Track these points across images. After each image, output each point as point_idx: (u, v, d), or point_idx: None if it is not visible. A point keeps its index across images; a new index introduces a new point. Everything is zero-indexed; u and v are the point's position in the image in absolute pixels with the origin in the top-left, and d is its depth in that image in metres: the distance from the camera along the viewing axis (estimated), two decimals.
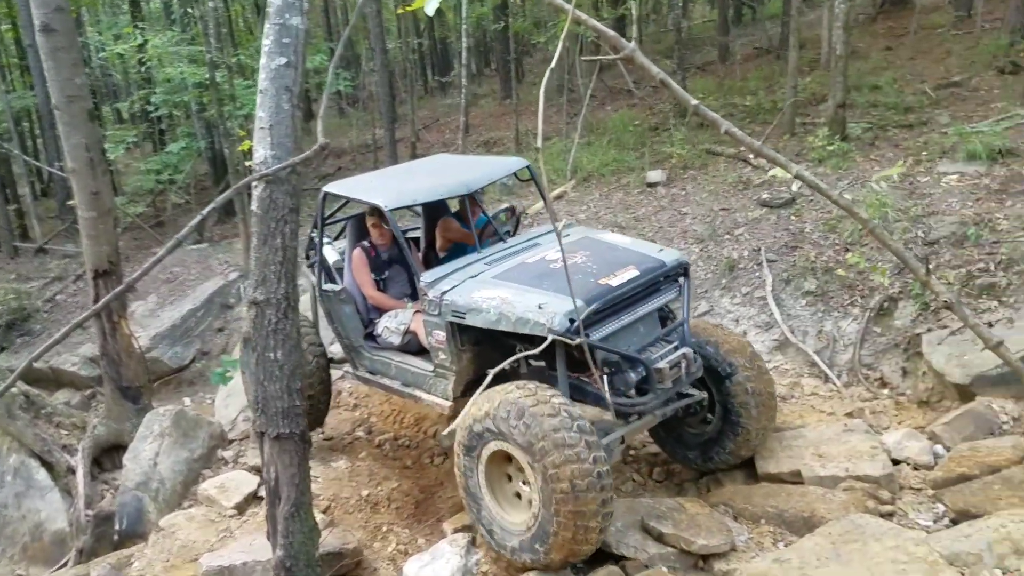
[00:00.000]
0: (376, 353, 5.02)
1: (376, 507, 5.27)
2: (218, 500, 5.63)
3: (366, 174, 5.80)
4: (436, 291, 4.26)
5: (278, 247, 3.03)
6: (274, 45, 2.99)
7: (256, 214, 3.01)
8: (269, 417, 3.06)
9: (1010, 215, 5.95)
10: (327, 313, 5.24)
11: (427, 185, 4.87)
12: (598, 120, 11.77)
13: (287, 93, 3.03)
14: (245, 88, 10.66)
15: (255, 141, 3.01)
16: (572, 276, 3.99)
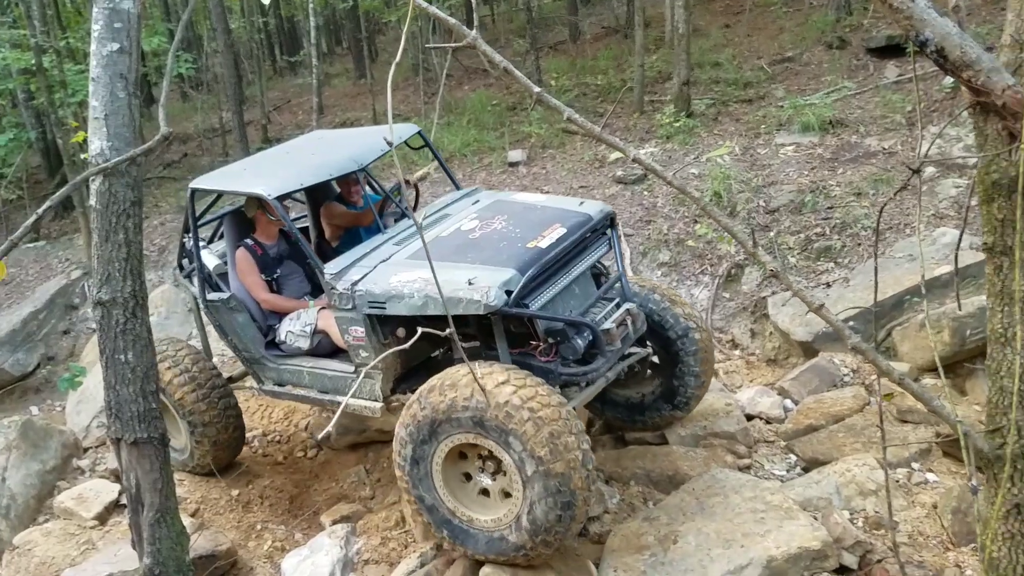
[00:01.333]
0: (283, 362, 4.42)
1: (248, 505, 5.13)
2: (77, 512, 5.32)
3: (236, 163, 5.13)
4: (345, 282, 3.79)
5: (121, 243, 2.85)
6: (104, 30, 2.79)
7: (96, 209, 2.81)
8: (124, 422, 2.89)
9: (841, 182, 6.51)
10: (217, 327, 4.55)
11: (311, 166, 4.30)
12: (456, 100, 11.76)
13: (122, 80, 2.83)
14: (77, 74, 9.76)
15: (90, 132, 2.81)
16: (497, 243, 3.76)
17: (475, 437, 3.21)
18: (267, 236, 4.64)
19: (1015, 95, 1.07)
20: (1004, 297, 1.34)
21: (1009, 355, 1.35)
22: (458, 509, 3.42)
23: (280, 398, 4.68)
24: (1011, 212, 1.20)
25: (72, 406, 7.00)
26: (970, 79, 1.11)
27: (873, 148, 6.82)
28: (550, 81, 11.23)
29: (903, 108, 7.31)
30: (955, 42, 1.09)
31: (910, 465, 4.15)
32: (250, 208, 4.60)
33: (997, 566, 1.61)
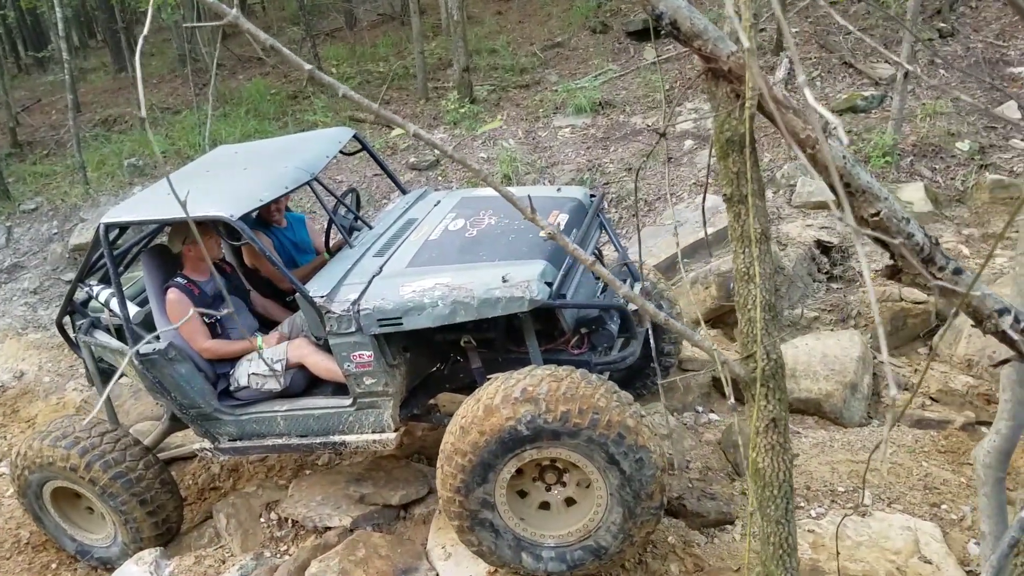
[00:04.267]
0: (245, 411, 3.73)
1: (39, 547, 4.61)
2: None
3: (147, 190, 4.29)
4: (341, 303, 3.27)
5: None
6: None
7: None
8: None
9: (614, 159, 7.01)
10: (154, 383, 3.73)
11: (262, 180, 3.67)
12: (231, 90, 11.02)
13: None
14: None
15: None
16: (503, 238, 3.46)
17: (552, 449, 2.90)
18: (198, 272, 3.89)
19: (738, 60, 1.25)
20: (744, 240, 1.53)
21: (752, 290, 1.56)
22: (527, 529, 3.11)
23: (244, 454, 3.92)
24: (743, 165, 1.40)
25: None
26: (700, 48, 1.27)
27: (639, 126, 7.44)
28: (331, 69, 10.89)
29: (662, 87, 8.01)
30: (685, 15, 1.24)
31: (695, 408, 4.50)
32: (176, 242, 3.86)
33: (763, 474, 1.84)
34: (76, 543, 4.31)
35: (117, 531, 4.09)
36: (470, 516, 3.04)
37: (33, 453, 3.94)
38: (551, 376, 2.90)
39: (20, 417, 5.85)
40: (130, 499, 3.90)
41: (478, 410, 2.93)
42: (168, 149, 9.23)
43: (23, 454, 3.99)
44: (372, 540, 3.60)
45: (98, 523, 4.24)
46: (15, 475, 4.10)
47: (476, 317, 3.13)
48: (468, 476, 2.95)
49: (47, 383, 6.12)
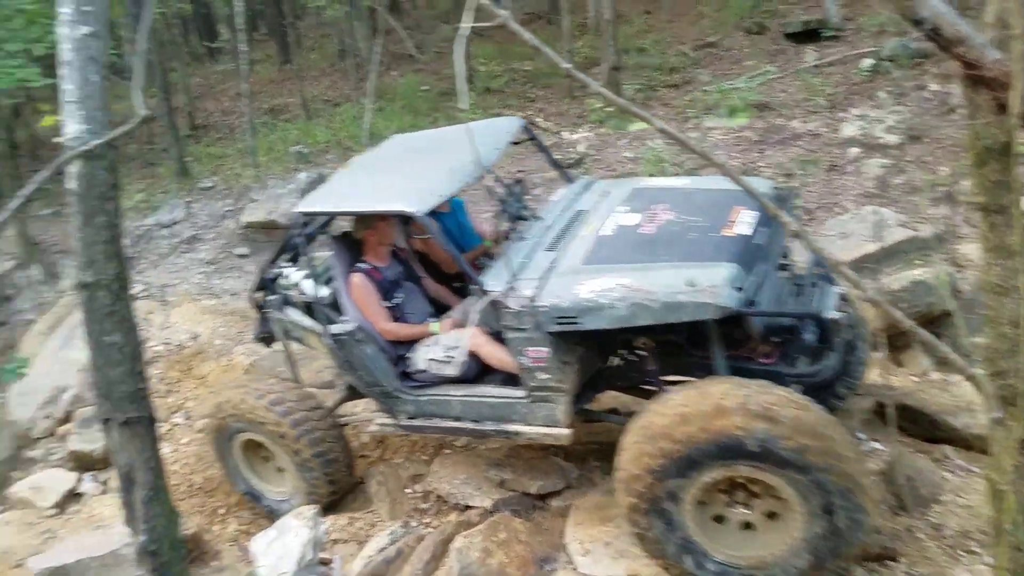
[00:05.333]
0: (423, 393, 3.91)
1: (210, 492, 5.05)
2: (34, 502, 5.20)
3: (338, 180, 4.37)
4: (518, 299, 3.29)
5: (103, 225, 2.75)
6: (75, 14, 2.68)
7: (76, 193, 2.71)
8: (115, 402, 2.82)
9: (771, 163, 6.78)
10: (343, 362, 3.99)
11: (440, 174, 3.74)
12: (385, 85, 11.62)
13: (94, 64, 2.73)
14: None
15: (65, 116, 2.69)
16: (684, 236, 3.32)
17: (769, 474, 2.74)
18: (379, 258, 4.10)
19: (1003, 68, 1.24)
20: (1001, 252, 1.50)
21: (1008, 303, 1.52)
22: (699, 535, 2.97)
23: (420, 432, 4.17)
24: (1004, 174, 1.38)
25: (14, 398, 6.70)
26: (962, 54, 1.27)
27: (798, 130, 7.16)
28: (479, 67, 11.24)
29: (824, 91, 7.69)
30: (949, 20, 1.25)
31: (856, 435, 4.12)
32: (359, 229, 4.12)
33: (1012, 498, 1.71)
34: (248, 486, 4.59)
35: (296, 489, 4.35)
36: (651, 501, 2.93)
37: (247, 408, 4.20)
38: (794, 402, 2.73)
39: (193, 374, 6.47)
40: (314, 460, 4.14)
41: (705, 405, 2.77)
42: (330, 139, 9.89)
43: (235, 404, 4.27)
44: (513, 524, 3.71)
45: (278, 478, 4.50)
46: (216, 415, 4.38)
47: (657, 321, 3.03)
48: (669, 464, 2.83)
49: (218, 345, 6.75)
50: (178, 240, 8.46)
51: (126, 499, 2.90)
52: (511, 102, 9.75)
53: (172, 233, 8.59)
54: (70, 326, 7.04)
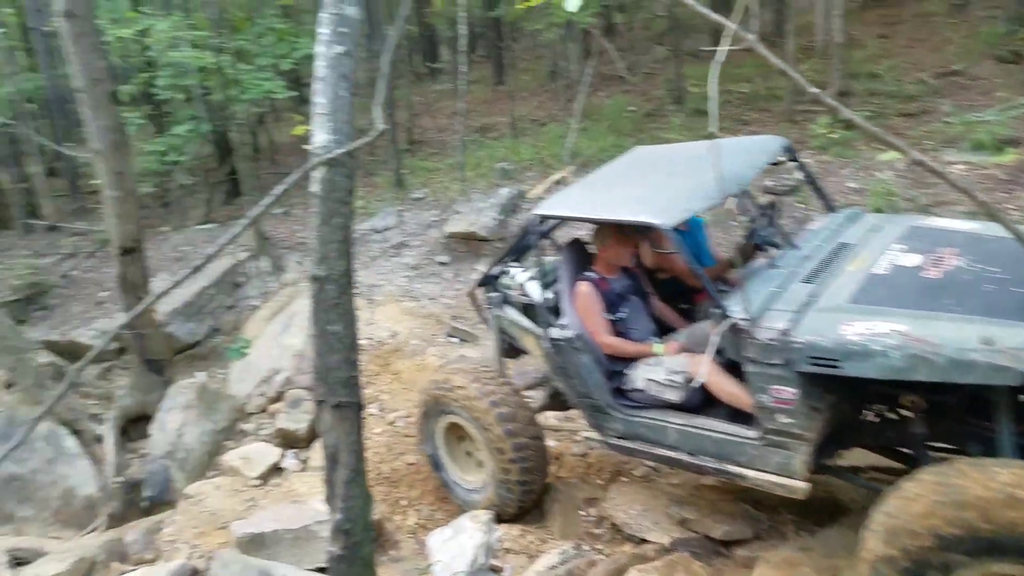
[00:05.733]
0: (636, 414, 3.77)
1: (395, 483, 5.35)
2: (242, 470, 5.74)
3: (578, 187, 4.36)
4: (767, 331, 3.06)
5: (338, 226, 3.06)
6: (332, 35, 3.00)
7: (318, 196, 3.04)
8: (330, 387, 3.12)
9: (1021, 206, 6.00)
10: (557, 368, 4.00)
11: (692, 189, 3.57)
12: (592, 106, 11.81)
13: (345, 81, 3.04)
14: (247, 74, 10.53)
15: (315, 126, 3.03)
16: (981, 286, 2.99)
17: None
18: (609, 269, 4.05)
19: None
20: None
21: None
22: None
23: (626, 453, 3.99)
24: None
25: (236, 374, 7.59)
26: None
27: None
28: (692, 88, 11.07)
29: None
30: None
31: None
32: (597, 240, 4.05)
33: None
34: (444, 470, 4.77)
35: (490, 485, 4.41)
36: (918, 563, 2.48)
37: (464, 396, 4.28)
38: None
39: (389, 370, 6.96)
40: (514, 458, 4.16)
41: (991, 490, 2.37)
42: (533, 157, 10.28)
43: (453, 390, 4.37)
44: (692, 567, 3.57)
45: (473, 468, 4.65)
46: (432, 395, 4.56)
47: (939, 379, 2.69)
48: (959, 538, 2.42)
49: (413, 345, 7.23)
50: (388, 245, 9.20)
51: (329, 478, 3.18)
52: (724, 124, 9.49)
53: (384, 238, 9.36)
54: (289, 314, 7.88)
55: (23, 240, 11.83)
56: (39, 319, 9.56)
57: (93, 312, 9.40)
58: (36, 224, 12.22)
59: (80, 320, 9.30)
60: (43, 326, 9.27)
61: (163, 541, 5.00)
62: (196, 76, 11.19)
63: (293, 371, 6.83)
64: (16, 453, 6.11)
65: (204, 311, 9.00)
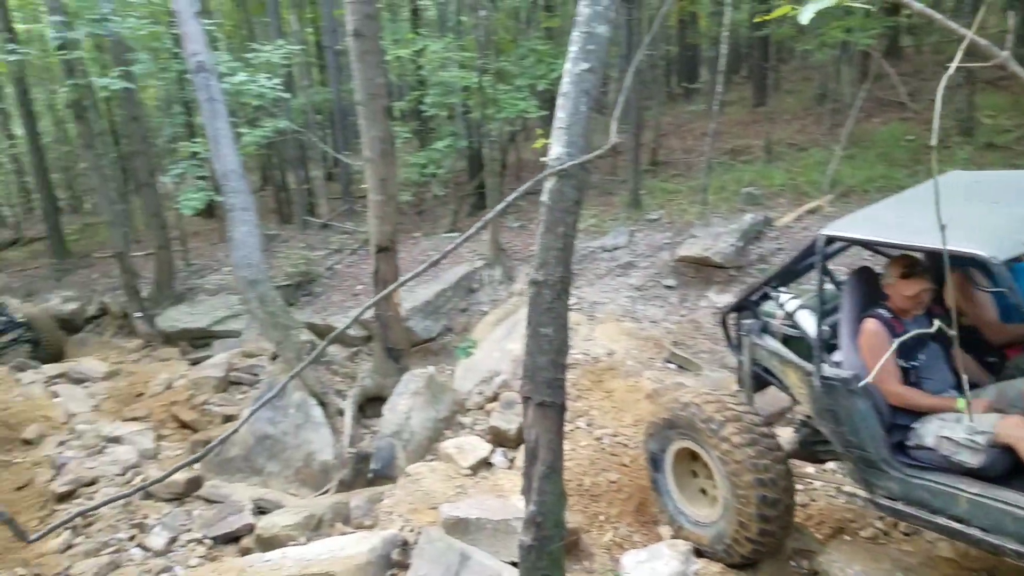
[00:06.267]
0: (919, 475, 3.42)
1: (595, 497, 5.50)
2: (455, 459, 6.25)
3: (874, 207, 4.00)
4: None
5: (560, 235, 3.35)
6: (580, 52, 3.30)
7: (545, 205, 3.36)
8: (536, 385, 3.41)
9: None
10: (822, 410, 3.72)
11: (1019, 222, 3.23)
12: (862, 132, 11.10)
13: (585, 96, 3.33)
14: (504, 94, 11.48)
15: (552, 139, 3.35)
16: None
17: None
18: (905, 308, 3.64)
19: None
20: None
21: None
22: None
23: (901, 518, 3.60)
24: None
25: (461, 372, 8.31)
26: None
27: None
28: (985, 119, 9.96)
29: None
30: None
31: None
32: (890, 272, 3.68)
33: None
34: (671, 500, 4.62)
35: (719, 526, 4.16)
36: None
37: (711, 428, 4.06)
38: None
39: (602, 387, 7.17)
40: (754, 499, 3.86)
41: None
42: (786, 184, 9.94)
43: (699, 418, 4.16)
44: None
45: (701, 499, 4.49)
46: (672, 417, 4.40)
47: None
48: None
49: (629, 366, 7.37)
50: (615, 264, 9.46)
51: (527, 471, 3.48)
52: (1018, 161, 8.44)
53: (612, 257, 9.65)
54: (513, 322, 8.44)
55: (301, 234, 14.01)
56: (305, 303, 11.29)
57: (350, 302, 10.87)
58: (312, 221, 14.41)
59: (338, 308, 10.82)
60: (308, 309, 10.94)
61: (382, 511, 5.66)
62: (460, 95, 12.48)
63: (510, 375, 7.32)
64: (273, 416, 7.33)
65: (440, 311, 9.99)
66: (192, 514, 6.59)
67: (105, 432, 8.08)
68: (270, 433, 7.28)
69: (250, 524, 6.22)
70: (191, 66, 7.64)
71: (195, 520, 6.47)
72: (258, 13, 17.18)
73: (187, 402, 8.84)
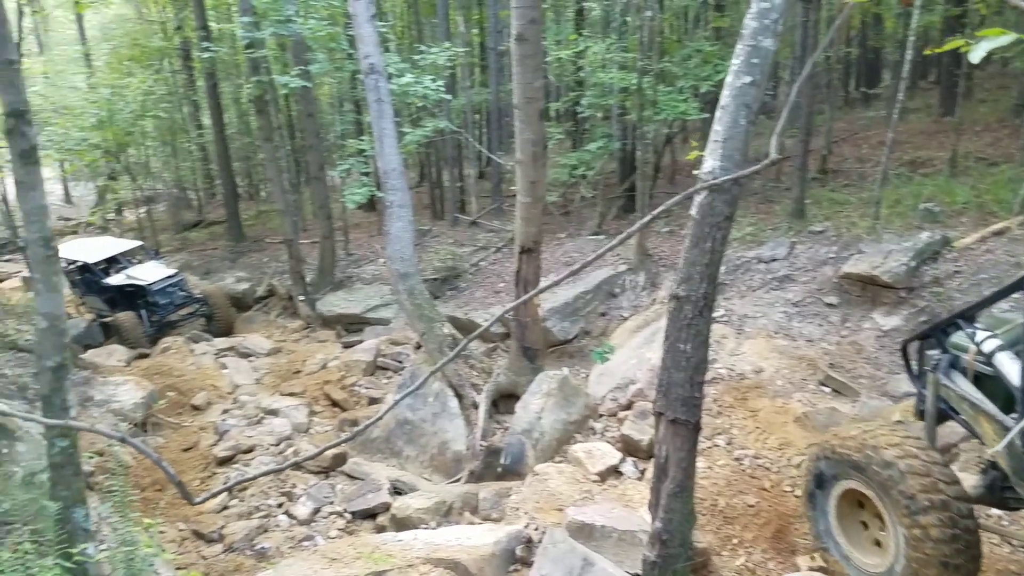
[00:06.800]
0: None
1: (730, 519, 5.38)
2: (584, 464, 6.30)
3: None
4: None
5: (707, 250, 3.33)
6: (742, 65, 3.26)
7: (694, 219, 3.34)
8: (669, 401, 3.41)
9: None
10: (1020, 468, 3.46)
11: None
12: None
13: (745, 110, 3.28)
14: (664, 95, 11.33)
15: (707, 152, 3.33)
16: None
17: None
18: None
19: None
20: None
21: None
22: None
23: None
24: None
25: (595, 376, 8.36)
26: None
27: None
28: None
29: None
30: None
31: None
32: None
33: None
34: (838, 546, 4.34)
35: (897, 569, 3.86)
36: None
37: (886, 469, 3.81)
38: None
39: (746, 406, 6.95)
40: (934, 548, 3.59)
41: None
42: (970, 201, 9.13)
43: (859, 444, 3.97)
44: None
45: (870, 547, 4.22)
46: (836, 454, 4.14)
47: None
48: None
49: (778, 386, 7.09)
50: (771, 277, 9.09)
51: (655, 486, 3.49)
52: None
53: (768, 269, 9.28)
54: (654, 329, 8.35)
55: (450, 230, 14.58)
56: (449, 297, 11.76)
57: (491, 299, 11.21)
58: (462, 218, 14.96)
59: (480, 304, 11.18)
60: (451, 303, 11.39)
61: (508, 506, 5.83)
62: (617, 96, 12.48)
63: (646, 384, 7.27)
64: (413, 403, 7.73)
65: (579, 314, 10.08)
66: (335, 488, 7.10)
67: (264, 404, 8.85)
68: (410, 418, 7.68)
69: (386, 503, 6.62)
70: (363, 67, 8.19)
71: (337, 494, 6.97)
72: (428, 15, 18.03)
73: (338, 382, 9.51)
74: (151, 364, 10.40)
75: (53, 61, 24.32)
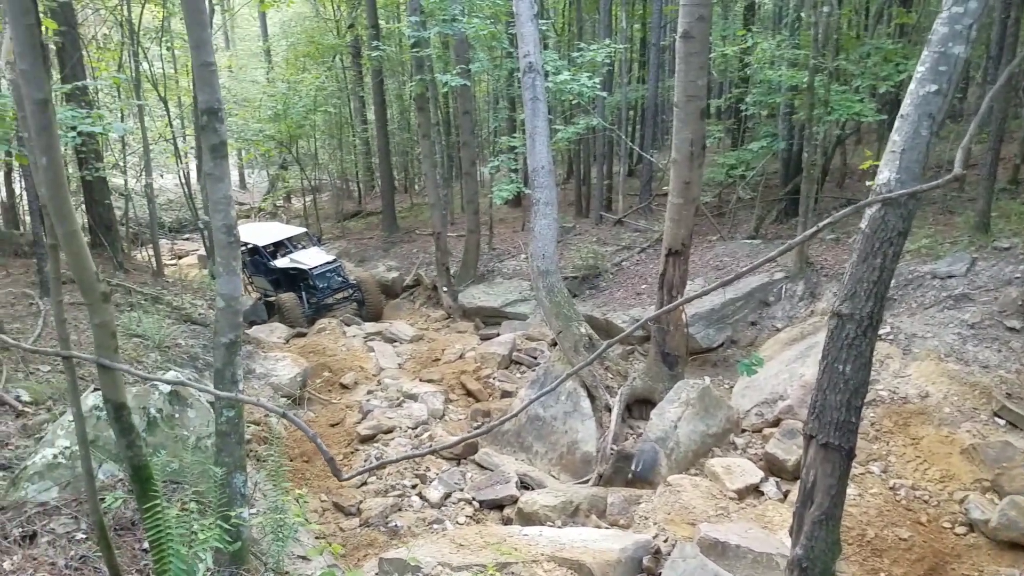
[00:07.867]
0: None
1: (878, 552, 5.05)
2: (722, 479, 6.10)
3: None
4: None
5: (876, 267, 3.09)
6: (928, 72, 3.00)
7: (863, 233, 3.11)
8: (822, 424, 3.21)
9: None
10: None
11: None
12: None
13: (928, 120, 3.02)
14: (838, 94, 10.65)
15: (883, 163, 3.09)
16: None
17: None
18: None
19: None
20: None
21: None
22: None
23: None
24: None
25: (739, 388, 8.01)
26: None
27: None
28: None
29: None
30: None
31: None
32: None
33: None
34: None
35: None
36: None
37: None
38: None
39: (908, 432, 6.41)
40: None
41: None
42: None
43: None
44: None
45: None
46: None
47: None
48: None
49: (945, 414, 6.49)
50: (946, 294, 8.33)
51: (799, 511, 3.29)
52: None
53: (943, 286, 8.51)
54: (810, 344, 7.89)
55: (594, 228, 14.49)
56: (588, 296, 11.70)
57: (631, 300, 11.04)
58: (607, 216, 14.83)
59: (619, 305, 11.04)
60: (590, 303, 11.33)
61: (637, 514, 5.73)
62: (785, 94, 11.89)
63: (797, 401, 6.90)
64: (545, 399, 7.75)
65: (726, 321, 9.71)
66: (466, 476, 7.28)
67: (405, 388, 9.23)
68: (541, 415, 7.73)
69: (514, 495, 6.71)
70: (522, 65, 8.31)
71: (467, 482, 7.14)
72: (590, 11, 18.01)
73: (474, 373, 9.74)
74: (307, 343, 11.13)
75: (237, 56, 26.57)
